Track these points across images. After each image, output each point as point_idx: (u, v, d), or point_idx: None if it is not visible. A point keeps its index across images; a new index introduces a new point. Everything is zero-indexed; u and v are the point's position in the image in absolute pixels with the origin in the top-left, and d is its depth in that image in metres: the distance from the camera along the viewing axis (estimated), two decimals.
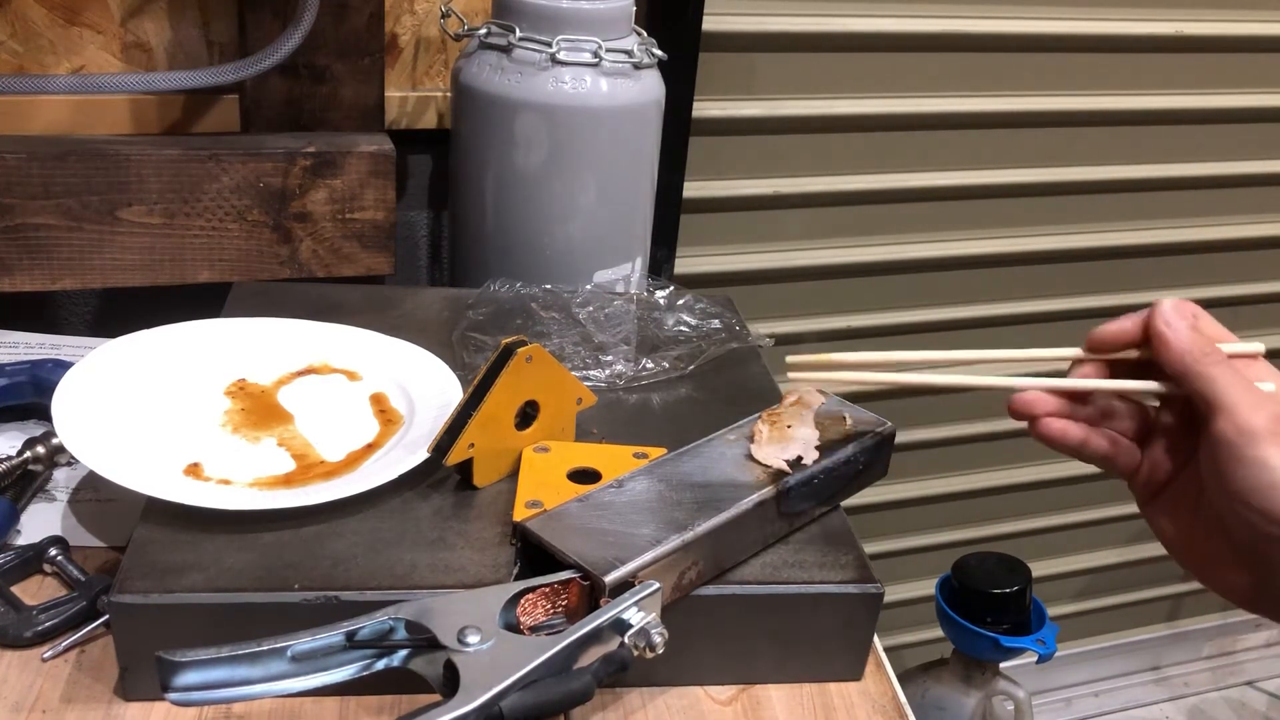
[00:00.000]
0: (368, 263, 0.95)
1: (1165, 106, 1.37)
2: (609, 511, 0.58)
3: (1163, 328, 0.50)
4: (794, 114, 1.22)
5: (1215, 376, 0.47)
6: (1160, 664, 1.95)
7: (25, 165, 0.83)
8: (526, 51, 0.85)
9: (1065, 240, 1.43)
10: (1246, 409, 0.46)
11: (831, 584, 0.60)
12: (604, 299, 0.85)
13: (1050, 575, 1.71)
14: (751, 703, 0.61)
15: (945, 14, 1.22)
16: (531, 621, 0.53)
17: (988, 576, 1.25)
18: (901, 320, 1.40)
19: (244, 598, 0.55)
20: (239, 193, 0.89)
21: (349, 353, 0.77)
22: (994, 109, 1.30)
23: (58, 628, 0.60)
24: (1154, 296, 1.61)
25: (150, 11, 0.90)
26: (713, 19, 1.11)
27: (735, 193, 1.25)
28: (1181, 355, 0.49)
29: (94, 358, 0.70)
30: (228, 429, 0.68)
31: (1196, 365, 0.48)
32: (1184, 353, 0.49)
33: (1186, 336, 0.49)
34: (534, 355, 0.64)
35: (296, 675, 0.48)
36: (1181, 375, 0.49)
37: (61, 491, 0.72)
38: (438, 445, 0.63)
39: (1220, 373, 0.48)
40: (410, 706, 0.51)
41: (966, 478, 1.57)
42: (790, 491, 0.62)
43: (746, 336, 0.84)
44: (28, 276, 0.86)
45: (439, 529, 0.61)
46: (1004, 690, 1.32)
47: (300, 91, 0.92)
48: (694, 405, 0.77)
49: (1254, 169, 1.46)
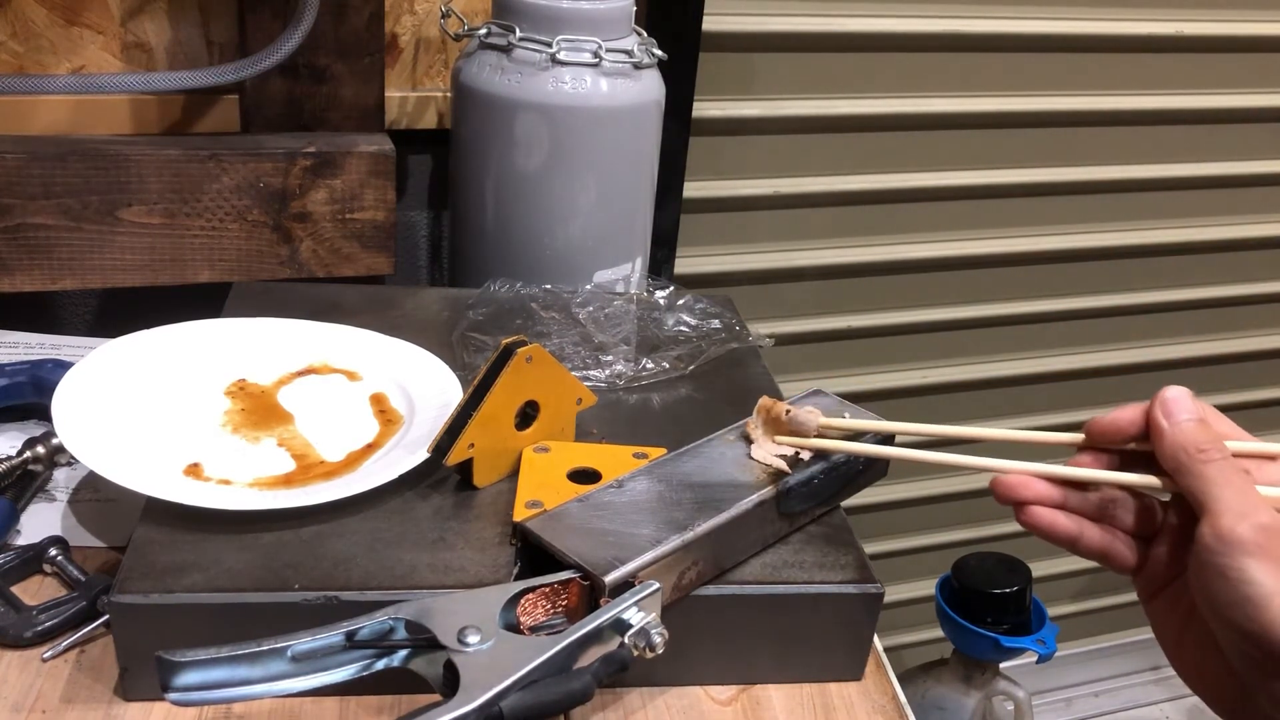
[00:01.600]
0: (368, 263, 0.95)
1: (1165, 106, 1.37)
2: (609, 511, 0.58)
3: (1159, 419, 0.46)
4: (794, 114, 1.22)
5: (1207, 475, 0.44)
6: (1160, 664, 1.95)
7: (25, 165, 0.83)
8: (526, 51, 0.85)
9: (1065, 240, 1.43)
10: (1232, 515, 0.42)
11: (831, 584, 0.60)
12: (604, 299, 0.85)
13: (1050, 575, 1.71)
14: (751, 703, 0.61)
15: (945, 14, 1.22)
16: (531, 621, 0.53)
17: (988, 576, 1.25)
18: (901, 320, 1.40)
19: (244, 598, 0.55)
20: (239, 193, 0.89)
21: (349, 353, 0.77)
22: (994, 109, 1.30)
23: (58, 628, 0.60)
24: (1154, 297, 1.61)
25: (150, 11, 0.90)
26: (713, 19, 1.11)
27: (735, 193, 1.25)
28: (1175, 449, 0.45)
29: (94, 358, 0.70)
30: (228, 429, 0.68)
31: (1189, 461, 0.44)
32: (1178, 447, 0.45)
33: (1184, 429, 0.45)
34: (534, 355, 0.64)
35: (296, 675, 0.48)
36: (1174, 471, 0.45)
37: (61, 491, 0.72)
38: (438, 445, 0.63)
39: (1214, 471, 0.44)
40: (410, 706, 0.51)
41: (966, 478, 1.57)
42: (790, 491, 0.62)
43: (746, 336, 0.84)
44: (28, 276, 0.86)
45: (439, 529, 0.61)
46: (1004, 690, 1.32)
47: (300, 91, 0.92)
48: (694, 405, 0.77)
49: (1254, 169, 1.46)
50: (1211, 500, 0.43)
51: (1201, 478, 0.44)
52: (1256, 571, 0.41)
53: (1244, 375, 1.64)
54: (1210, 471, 0.44)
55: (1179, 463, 0.45)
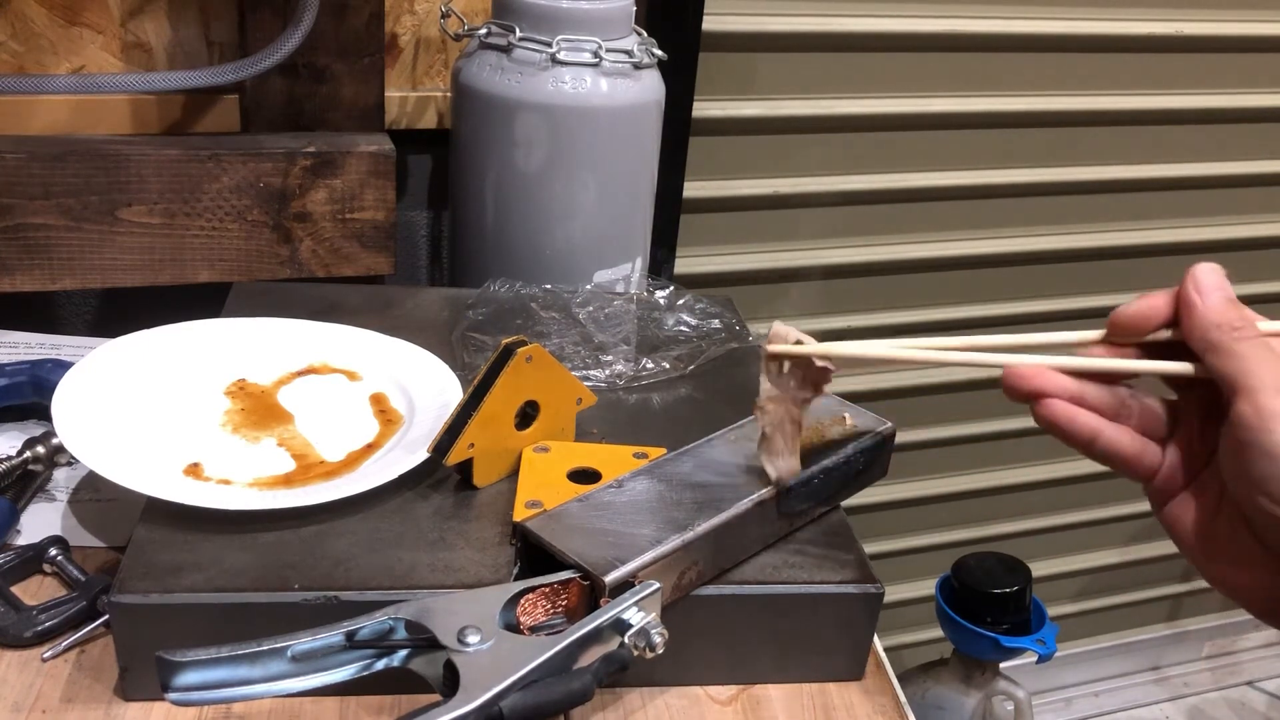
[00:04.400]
0: (368, 263, 0.95)
1: (1165, 106, 1.37)
2: (609, 511, 0.58)
3: (1192, 294, 0.44)
4: (794, 114, 1.22)
5: (1244, 353, 0.42)
6: (1160, 664, 1.95)
7: (25, 165, 0.83)
8: (526, 51, 0.85)
9: (1065, 240, 1.43)
10: (1273, 391, 0.41)
11: (831, 584, 0.60)
12: (604, 299, 0.85)
13: (1050, 575, 1.71)
14: (751, 703, 0.61)
15: (945, 14, 1.22)
16: (531, 621, 0.53)
17: (988, 576, 1.25)
18: (902, 320, 1.40)
19: (244, 598, 0.55)
20: (239, 193, 0.89)
21: (349, 353, 0.77)
22: (994, 109, 1.30)
23: (58, 628, 0.60)
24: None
25: (150, 11, 0.90)
26: (713, 19, 1.11)
27: (735, 193, 1.25)
28: (1210, 326, 0.43)
29: (94, 358, 0.70)
30: (228, 429, 0.68)
31: (1225, 339, 0.43)
32: (1213, 325, 0.43)
33: (1219, 306, 0.44)
34: (534, 355, 0.64)
35: (296, 675, 0.48)
36: (1207, 349, 0.43)
37: (61, 491, 0.72)
38: (438, 445, 0.63)
39: (1250, 349, 0.42)
40: (410, 706, 0.51)
41: (966, 478, 1.57)
42: (790, 491, 0.62)
43: (746, 336, 0.84)
44: (28, 276, 0.86)
45: (439, 529, 0.61)
46: (1004, 690, 1.32)
47: (300, 91, 0.92)
48: (694, 405, 0.77)
49: (1254, 169, 1.46)
50: (1250, 377, 0.42)
51: (1237, 355, 0.42)
52: None
53: None
54: (1246, 349, 0.42)
55: (1212, 341, 0.43)
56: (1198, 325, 0.44)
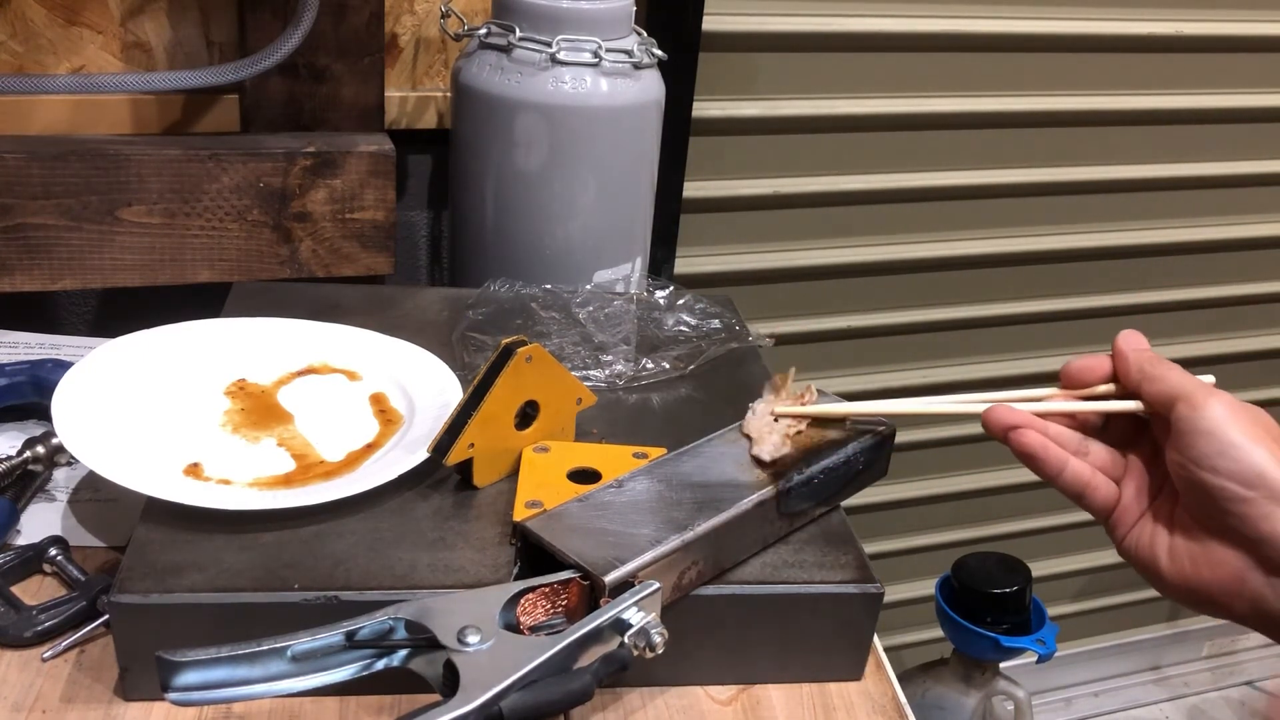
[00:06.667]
0: (368, 263, 0.95)
1: (1165, 106, 1.37)
2: (609, 511, 0.58)
3: (1123, 347, 0.56)
4: (794, 114, 1.22)
5: (1170, 376, 0.53)
6: (1160, 664, 1.95)
7: (25, 165, 0.83)
8: (526, 51, 0.85)
9: (1065, 240, 1.43)
10: (1199, 391, 0.52)
11: (831, 584, 0.60)
12: (604, 299, 0.85)
13: (1050, 575, 1.71)
14: (751, 703, 0.61)
15: (945, 14, 1.22)
16: (531, 621, 0.53)
17: (988, 576, 1.25)
18: (902, 320, 1.40)
19: (244, 598, 0.55)
20: (239, 193, 0.89)
21: (349, 353, 0.77)
22: (994, 109, 1.30)
23: (58, 628, 0.60)
24: (1154, 297, 1.62)
25: (150, 11, 0.90)
26: (713, 19, 1.11)
27: (735, 193, 1.25)
28: (1142, 363, 0.55)
29: (94, 358, 0.70)
30: (227, 429, 0.68)
31: (1155, 370, 0.54)
32: (1145, 362, 0.55)
33: (1146, 352, 0.56)
34: (534, 355, 0.64)
35: (296, 675, 0.48)
36: (1143, 380, 0.54)
37: (61, 491, 0.72)
38: (438, 445, 0.63)
39: (1174, 372, 0.54)
40: (410, 706, 0.51)
41: (966, 478, 1.57)
42: (790, 491, 0.62)
43: (746, 336, 0.84)
44: (28, 276, 0.86)
45: (439, 529, 0.61)
46: (1004, 690, 1.32)
47: (300, 91, 0.92)
48: (694, 405, 0.77)
49: (1254, 169, 1.46)
50: (1180, 388, 0.52)
51: (1166, 379, 0.53)
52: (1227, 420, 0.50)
53: (1244, 375, 1.64)
54: (1172, 373, 0.54)
55: (1146, 373, 0.54)
56: (1132, 366, 0.55)
